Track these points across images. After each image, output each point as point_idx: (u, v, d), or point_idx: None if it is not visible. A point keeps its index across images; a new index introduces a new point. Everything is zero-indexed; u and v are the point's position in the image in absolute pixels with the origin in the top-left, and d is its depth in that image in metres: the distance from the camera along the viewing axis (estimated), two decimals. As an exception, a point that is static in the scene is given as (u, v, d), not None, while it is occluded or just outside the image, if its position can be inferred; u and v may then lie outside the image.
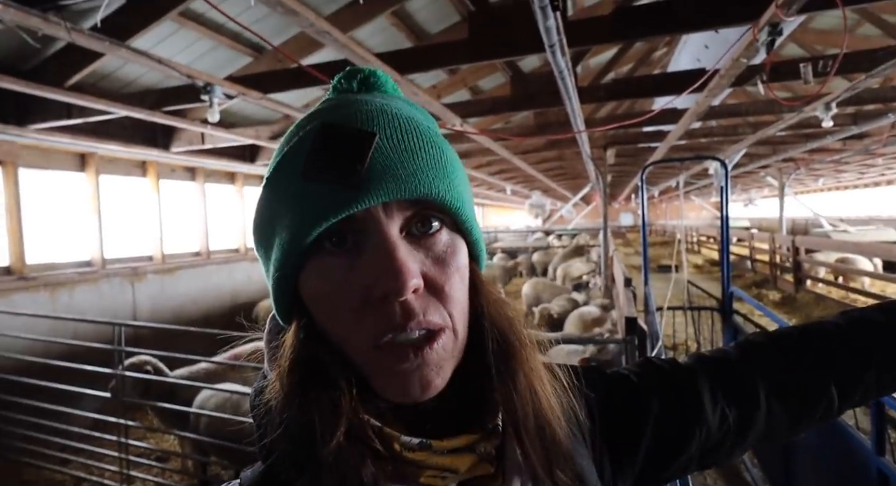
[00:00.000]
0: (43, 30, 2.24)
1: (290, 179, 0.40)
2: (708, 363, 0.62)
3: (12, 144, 4.22)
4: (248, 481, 0.44)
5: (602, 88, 4.07)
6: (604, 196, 6.99)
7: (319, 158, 0.38)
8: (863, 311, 0.67)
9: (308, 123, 0.42)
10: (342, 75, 0.49)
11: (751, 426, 0.59)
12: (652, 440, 0.56)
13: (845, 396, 0.61)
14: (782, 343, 0.64)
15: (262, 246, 0.44)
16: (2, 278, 4.18)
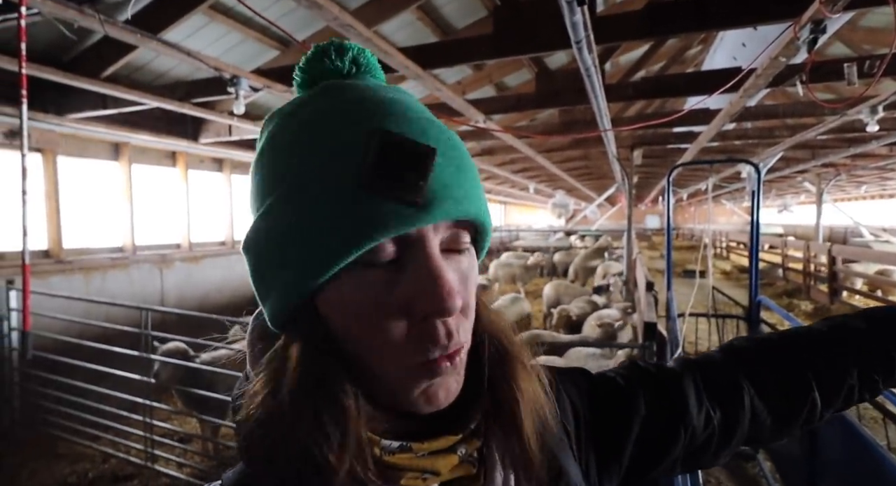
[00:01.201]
0: (78, 22, 2.31)
1: (338, 186, 0.36)
2: (693, 366, 0.62)
3: (52, 132, 4.38)
4: (230, 481, 0.43)
5: (631, 86, 3.97)
6: (629, 197, 6.85)
7: (384, 170, 0.36)
8: (846, 317, 0.68)
9: (353, 123, 0.38)
10: (327, 49, 0.46)
11: (736, 427, 0.60)
12: (637, 441, 0.56)
13: (828, 400, 0.62)
14: (767, 348, 0.65)
15: (288, 247, 0.38)
16: (40, 261, 4.35)
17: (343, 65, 0.46)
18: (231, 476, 0.44)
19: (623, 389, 0.59)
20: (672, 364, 0.64)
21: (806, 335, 0.66)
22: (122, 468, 3.41)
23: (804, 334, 0.66)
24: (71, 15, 2.25)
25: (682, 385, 0.59)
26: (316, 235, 0.37)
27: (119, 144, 5.07)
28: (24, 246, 2.15)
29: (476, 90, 5.50)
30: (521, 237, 19.48)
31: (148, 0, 2.95)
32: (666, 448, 0.57)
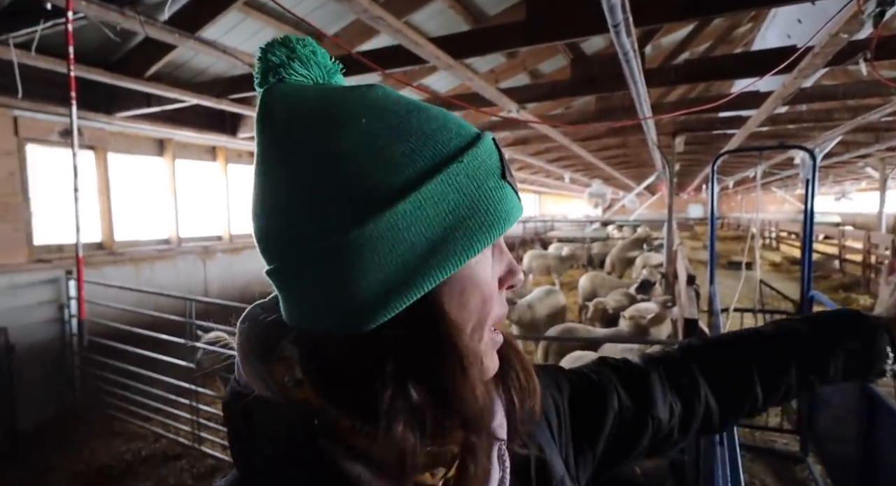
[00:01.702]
0: (121, 24, 2.40)
1: (483, 180, 0.40)
2: (657, 362, 0.70)
3: (102, 130, 4.59)
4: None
5: (672, 70, 3.79)
6: (670, 186, 6.60)
7: (506, 166, 0.43)
8: (793, 321, 0.76)
9: (457, 125, 0.42)
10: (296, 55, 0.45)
11: (693, 419, 0.67)
12: (611, 434, 0.62)
13: (768, 395, 0.70)
14: (720, 347, 0.73)
15: (438, 234, 0.38)
16: (95, 252, 4.60)
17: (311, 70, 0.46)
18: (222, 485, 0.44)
19: (598, 385, 0.64)
20: (637, 360, 0.70)
21: (754, 336, 0.73)
22: (171, 448, 3.60)
23: (753, 335, 0.74)
24: (113, 17, 2.33)
25: (649, 381, 0.66)
26: (470, 223, 0.39)
27: (163, 140, 5.27)
28: (78, 239, 2.27)
29: (509, 78, 5.39)
30: (556, 228, 19.19)
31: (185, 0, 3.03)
32: (635, 440, 0.64)
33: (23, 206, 3.97)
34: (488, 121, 5.55)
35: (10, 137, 3.89)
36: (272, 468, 0.39)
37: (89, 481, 3.23)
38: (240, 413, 0.42)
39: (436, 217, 0.38)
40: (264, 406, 0.41)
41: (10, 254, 3.86)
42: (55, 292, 4.08)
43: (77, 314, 3.84)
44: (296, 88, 0.43)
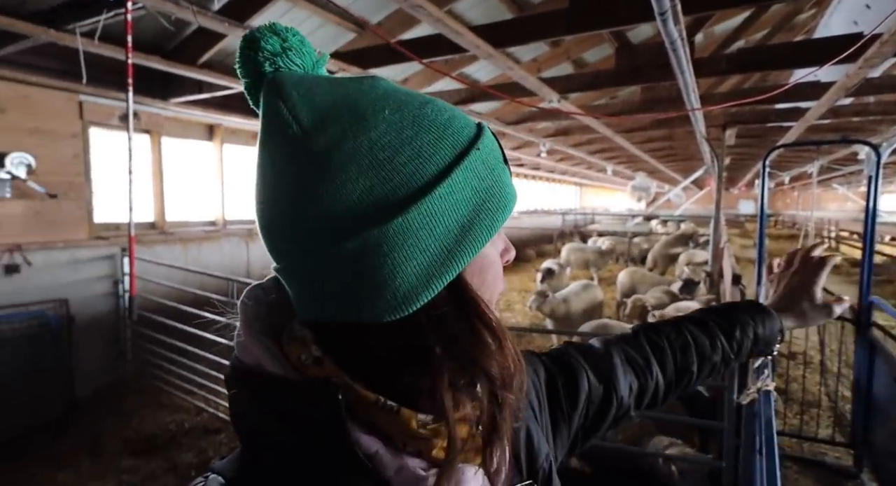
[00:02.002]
0: (175, 13, 2.50)
1: (493, 167, 0.44)
2: (616, 344, 0.77)
3: (157, 115, 4.82)
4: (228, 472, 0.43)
5: (724, 59, 3.61)
6: (718, 181, 6.32)
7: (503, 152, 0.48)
8: (713, 309, 0.87)
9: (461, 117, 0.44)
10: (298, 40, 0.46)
11: (646, 394, 0.75)
12: (583, 414, 0.68)
13: (701, 371, 0.80)
14: (666, 329, 0.81)
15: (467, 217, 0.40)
16: (148, 231, 4.87)
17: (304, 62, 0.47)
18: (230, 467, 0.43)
19: (569, 367, 0.70)
20: (599, 344, 0.77)
21: (691, 321, 0.83)
22: (212, 422, 3.79)
23: (690, 320, 0.84)
24: (168, 7, 2.44)
25: (613, 363, 0.73)
26: (489, 205, 0.42)
27: (213, 125, 5.48)
28: (130, 219, 2.41)
29: (552, 67, 5.28)
30: (596, 221, 18.76)
31: (237, -11, 3.12)
32: (603, 418, 0.71)
33: (85, 185, 4.24)
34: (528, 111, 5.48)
35: (76, 120, 4.14)
36: (287, 442, 0.40)
37: (137, 448, 3.45)
38: (251, 390, 0.42)
39: (463, 201, 0.40)
40: (280, 383, 0.41)
41: (73, 230, 4.13)
42: (112, 267, 4.35)
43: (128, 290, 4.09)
44: (302, 78, 0.43)
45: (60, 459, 3.41)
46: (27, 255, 3.81)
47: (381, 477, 0.40)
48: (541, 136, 7.28)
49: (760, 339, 0.82)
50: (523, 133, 6.74)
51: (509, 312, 7.33)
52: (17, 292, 3.77)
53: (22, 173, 3.69)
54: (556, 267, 7.54)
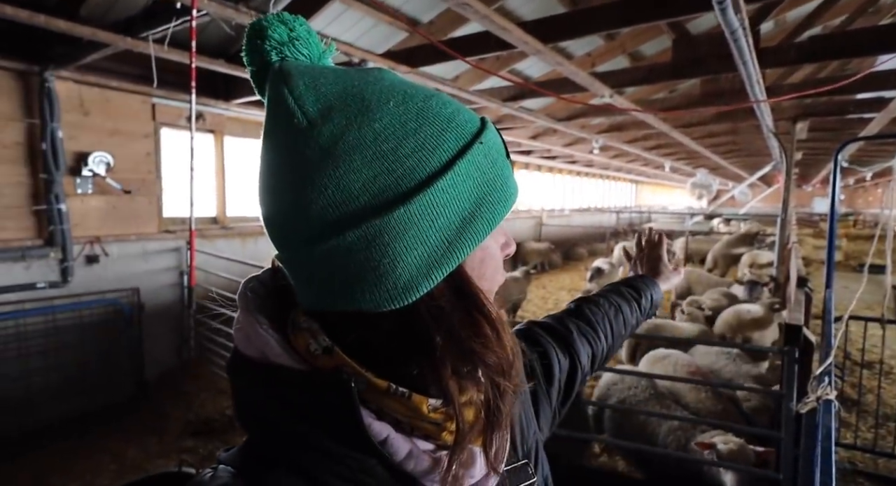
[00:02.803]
0: (235, 19, 2.63)
1: (494, 160, 0.44)
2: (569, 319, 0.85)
3: (221, 115, 5.10)
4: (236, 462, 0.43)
5: (793, 47, 3.36)
6: (787, 178, 5.90)
7: (506, 146, 0.47)
8: (618, 284, 1.03)
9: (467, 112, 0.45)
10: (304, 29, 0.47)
11: (596, 359, 0.85)
12: (558, 388, 0.74)
13: (619, 338, 0.94)
14: (600, 301, 0.93)
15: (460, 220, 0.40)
16: (210, 226, 5.17)
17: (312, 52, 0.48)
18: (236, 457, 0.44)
19: (540, 345, 0.75)
20: (554, 321, 0.84)
21: (611, 294, 0.97)
22: (266, 407, 3.98)
23: (611, 293, 0.98)
24: (229, 13, 2.57)
25: (573, 337, 0.81)
26: (492, 198, 0.42)
27: (271, 125, 5.72)
28: (191, 214, 2.57)
29: (607, 62, 5.12)
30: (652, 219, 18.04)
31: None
32: (572, 387, 0.77)
33: (156, 182, 4.55)
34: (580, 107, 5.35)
35: (149, 121, 4.46)
36: (299, 431, 0.41)
37: (197, 430, 3.69)
38: (258, 381, 0.43)
39: (465, 193, 0.40)
40: (289, 373, 0.41)
41: (144, 224, 4.46)
42: (178, 259, 4.66)
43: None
44: (308, 68, 0.43)
45: (130, 436, 3.70)
46: (105, 246, 4.15)
47: (393, 461, 0.41)
48: (594, 132, 7.08)
49: (654, 303, 1.02)
50: (575, 129, 6.58)
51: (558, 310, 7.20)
52: (96, 281, 4.12)
53: (102, 171, 4.02)
54: (607, 266, 7.33)
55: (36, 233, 3.80)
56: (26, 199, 3.74)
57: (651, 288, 1.03)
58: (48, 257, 3.84)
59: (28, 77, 3.63)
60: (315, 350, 0.41)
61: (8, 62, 3.49)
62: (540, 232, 12.23)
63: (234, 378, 0.45)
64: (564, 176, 13.98)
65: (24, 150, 3.70)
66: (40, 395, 3.83)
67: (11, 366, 3.70)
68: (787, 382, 2.12)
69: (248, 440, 0.45)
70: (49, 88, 3.64)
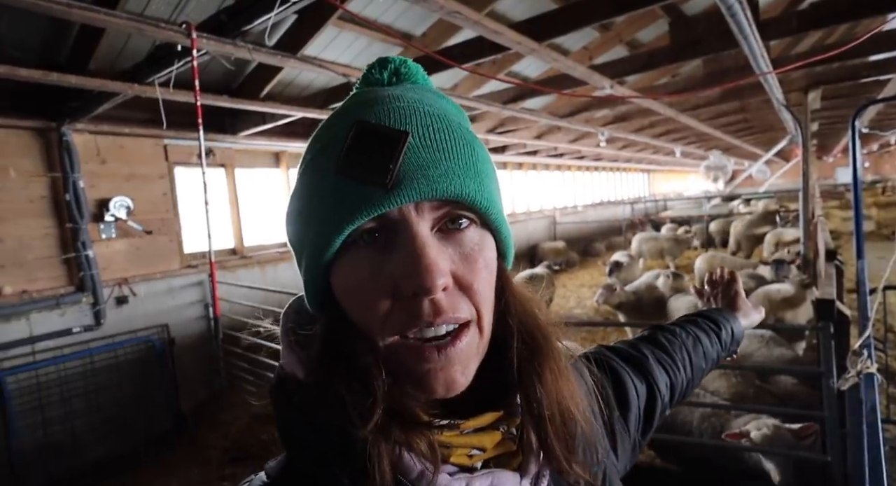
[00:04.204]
0: (234, 53, 2.71)
1: (324, 175, 0.41)
2: (644, 345, 0.79)
3: (229, 149, 5.22)
4: (274, 472, 0.45)
5: (795, 16, 3.30)
6: (805, 150, 5.75)
7: (353, 157, 0.39)
8: (699, 315, 0.93)
9: (341, 120, 0.43)
10: (373, 65, 0.50)
11: (676, 390, 0.77)
12: (640, 411, 0.69)
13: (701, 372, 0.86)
14: (680, 330, 0.85)
15: (296, 238, 0.45)
16: (229, 257, 5.26)
17: (383, 77, 0.49)
18: (275, 466, 0.46)
19: (613, 370, 0.69)
20: (627, 346, 0.78)
21: (694, 323, 0.88)
22: (300, 430, 4.01)
23: (693, 322, 0.89)
24: (228, 49, 2.64)
25: (649, 362, 0.74)
26: (312, 220, 0.42)
27: (278, 152, 5.83)
28: (210, 247, 2.62)
29: (605, 53, 5.10)
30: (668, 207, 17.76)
31: (290, 23, 3.31)
32: (651, 416, 0.71)
33: (174, 220, 4.67)
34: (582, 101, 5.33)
35: (163, 162, 4.58)
36: (320, 447, 0.41)
37: (236, 457, 3.72)
38: (288, 398, 0.44)
39: (293, 228, 0.47)
40: (302, 388, 0.43)
41: (167, 261, 4.57)
42: (202, 292, 4.75)
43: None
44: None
45: (173, 468, 3.76)
46: (132, 287, 4.26)
47: (408, 479, 0.40)
48: (599, 125, 7.03)
49: (735, 338, 0.92)
50: (580, 124, 6.55)
51: (580, 308, 7.12)
52: (127, 321, 4.23)
53: (123, 215, 4.14)
54: (626, 259, 7.23)
55: (68, 280, 3.92)
56: (56, 249, 3.87)
57: (731, 322, 0.93)
58: (81, 303, 3.96)
59: (47, 133, 3.78)
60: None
61: (27, 121, 3.65)
62: (554, 231, 12.13)
63: (271, 395, 0.46)
64: (574, 172, 13.87)
65: (50, 202, 3.84)
66: (85, 436, 3.94)
67: (56, 410, 3.80)
68: (825, 359, 2.06)
69: (282, 455, 0.47)
70: (67, 141, 3.78)
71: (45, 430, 3.74)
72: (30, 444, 3.66)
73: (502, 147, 9.10)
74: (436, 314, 0.39)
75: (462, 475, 0.41)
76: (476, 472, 0.42)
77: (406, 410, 0.40)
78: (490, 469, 0.43)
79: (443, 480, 0.40)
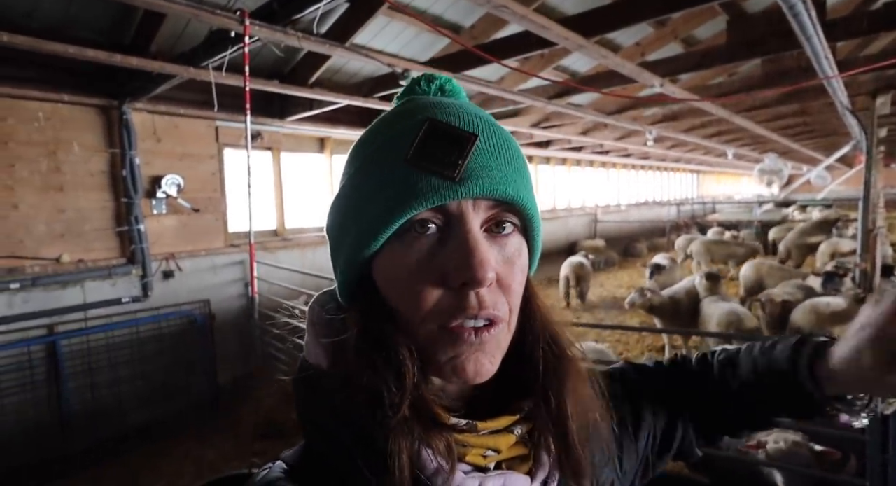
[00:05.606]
0: (284, 41, 2.77)
1: (390, 166, 0.42)
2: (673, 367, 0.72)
3: (277, 133, 5.37)
4: (292, 459, 0.47)
5: (865, 17, 3.09)
6: (869, 157, 5.40)
7: (424, 150, 0.42)
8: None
9: (405, 119, 0.45)
10: (419, 79, 0.52)
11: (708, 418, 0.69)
12: (653, 429, 0.65)
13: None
14: (727, 364, 0.70)
15: (342, 226, 0.46)
16: (271, 238, 5.44)
17: (430, 90, 0.51)
18: (292, 454, 0.48)
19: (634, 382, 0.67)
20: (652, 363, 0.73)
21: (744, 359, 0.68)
22: (329, 412, 4.14)
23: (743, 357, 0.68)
24: (278, 37, 2.71)
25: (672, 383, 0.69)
26: (369, 207, 0.43)
27: (323, 138, 5.95)
28: (250, 228, 2.72)
29: (659, 49, 4.92)
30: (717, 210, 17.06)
31: (341, 11, 3.35)
32: (672, 435, 0.66)
33: (221, 200, 4.86)
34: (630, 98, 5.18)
35: (213, 143, 4.77)
36: (341, 437, 0.42)
37: (266, 432, 3.87)
38: (311, 387, 0.46)
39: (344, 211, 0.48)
40: (327, 377, 0.45)
41: (212, 239, 4.77)
42: (243, 271, 4.93)
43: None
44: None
45: (208, 438, 3.96)
46: (178, 262, 4.47)
47: (424, 474, 0.41)
48: (647, 123, 6.82)
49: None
50: (627, 122, 6.36)
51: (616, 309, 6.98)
52: (172, 294, 4.45)
53: (174, 192, 4.35)
54: (667, 262, 7.01)
55: (120, 252, 4.16)
56: (111, 221, 4.11)
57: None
58: (131, 274, 4.19)
59: (109, 111, 4.00)
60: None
61: (92, 98, 3.86)
62: (595, 229, 11.89)
63: (293, 383, 0.48)
64: (619, 170, 13.52)
65: (108, 177, 4.07)
66: (129, 402, 4.19)
67: (104, 375, 4.06)
68: None
69: (304, 440, 0.48)
70: (127, 119, 3.99)
71: (94, 393, 4.00)
72: (79, 405, 3.93)
73: (546, 142, 8.96)
74: (480, 307, 0.41)
75: (476, 475, 0.43)
76: (489, 472, 0.44)
77: (428, 407, 0.42)
78: (502, 471, 0.45)
79: (458, 478, 0.42)
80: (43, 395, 3.78)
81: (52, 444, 3.77)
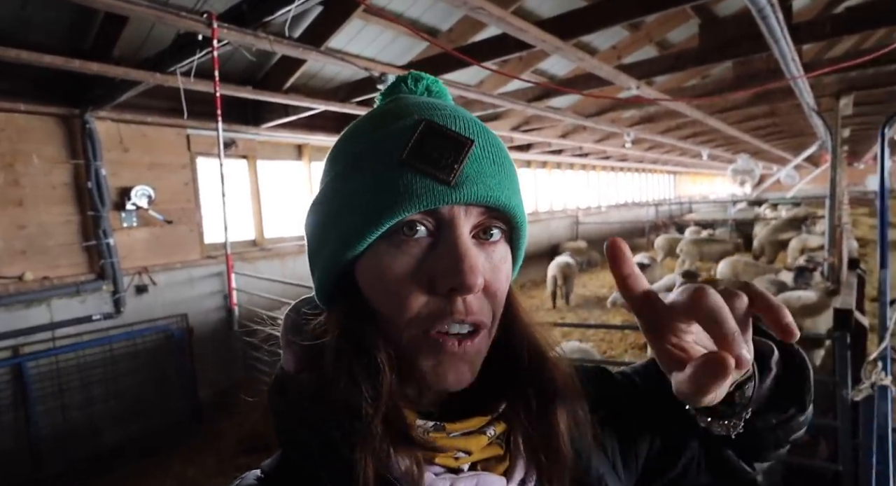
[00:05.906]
0: (255, 44, 2.71)
1: (385, 162, 0.41)
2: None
3: (252, 140, 5.26)
4: (268, 467, 0.47)
5: (829, 20, 3.17)
6: (834, 156, 5.56)
7: (422, 150, 0.41)
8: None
9: (398, 118, 0.44)
10: (406, 78, 0.52)
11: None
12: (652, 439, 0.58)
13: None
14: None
15: (323, 227, 0.45)
16: (249, 249, 5.32)
17: (416, 90, 0.51)
18: (269, 462, 0.48)
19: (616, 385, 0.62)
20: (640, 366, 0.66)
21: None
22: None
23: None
24: (248, 40, 2.65)
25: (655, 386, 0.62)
26: (356, 206, 0.41)
27: (301, 145, 5.86)
28: (226, 238, 2.64)
29: (634, 53, 4.99)
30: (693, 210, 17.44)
31: (315, 14, 3.29)
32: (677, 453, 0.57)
33: (195, 210, 4.72)
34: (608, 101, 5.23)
35: (185, 152, 4.64)
36: (313, 446, 0.42)
37: (250, 447, 3.70)
38: (284, 395, 0.45)
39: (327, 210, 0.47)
40: (300, 384, 0.44)
41: (187, 251, 4.63)
42: (221, 283, 4.80)
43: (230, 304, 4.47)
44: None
45: (190, 455, 3.82)
46: (152, 276, 4.32)
47: (392, 475, 0.40)
48: (625, 125, 6.92)
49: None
50: (605, 124, 6.44)
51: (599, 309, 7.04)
52: (147, 309, 4.30)
53: (144, 204, 4.21)
54: (648, 260, 7.13)
55: (88, 268, 4.00)
56: (77, 236, 3.94)
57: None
58: (101, 290, 4.03)
59: (70, 120, 3.84)
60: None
61: (51, 107, 3.71)
62: (577, 231, 12.02)
63: (269, 390, 0.48)
64: (599, 173, 13.71)
65: (72, 190, 3.91)
66: (104, 421, 4.02)
67: (76, 396, 3.89)
68: (840, 368, 2.06)
69: (278, 452, 0.48)
70: (90, 128, 3.84)
71: (65, 415, 3.83)
72: (49, 429, 3.75)
73: (526, 145, 9.02)
74: (466, 313, 0.41)
75: (447, 476, 0.43)
76: (462, 473, 0.44)
77: (400, 419, 0.41)
78: (476, 472, 0.44)
79: (428, 479, 0.41)
80: (9, 419, 3.60)
81: (20, 469, 3.60)
